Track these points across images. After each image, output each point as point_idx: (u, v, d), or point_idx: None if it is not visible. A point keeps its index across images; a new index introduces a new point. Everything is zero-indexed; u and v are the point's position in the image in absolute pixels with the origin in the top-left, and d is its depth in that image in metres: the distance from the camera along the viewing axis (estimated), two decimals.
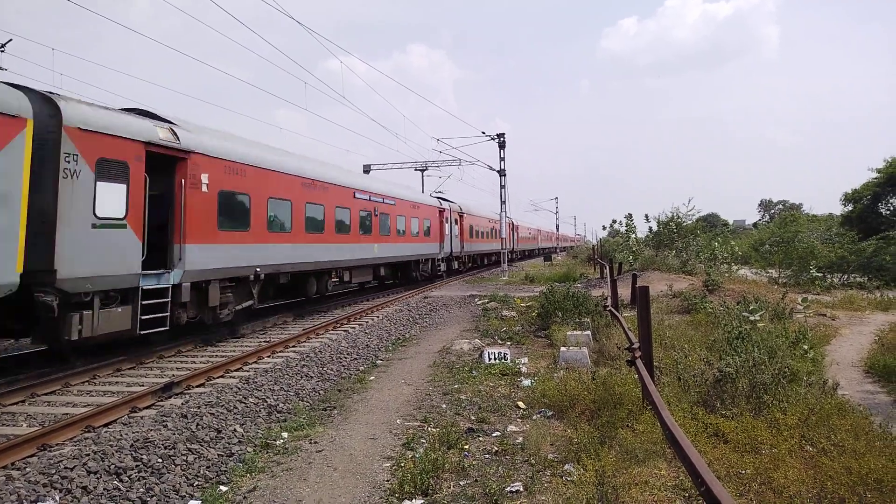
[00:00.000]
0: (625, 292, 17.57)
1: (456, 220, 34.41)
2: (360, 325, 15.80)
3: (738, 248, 31.72)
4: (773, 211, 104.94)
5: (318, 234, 17.46)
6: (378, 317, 17.33)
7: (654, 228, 33.09)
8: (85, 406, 8.19)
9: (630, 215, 34.85)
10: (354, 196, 20.30)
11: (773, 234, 29.87)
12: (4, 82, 8.96)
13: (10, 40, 15.79)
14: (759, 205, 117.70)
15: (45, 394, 8.85)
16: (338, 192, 18.91)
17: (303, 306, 18.96)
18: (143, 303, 10.52)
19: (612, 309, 13.26)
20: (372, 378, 10.24)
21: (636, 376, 7.18)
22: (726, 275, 24.31)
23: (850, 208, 38.43)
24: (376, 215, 22.30)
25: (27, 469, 5.70)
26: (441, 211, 31.49)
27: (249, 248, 13.89)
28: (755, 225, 74.96)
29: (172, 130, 11.65)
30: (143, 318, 10.49)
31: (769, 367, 7.31)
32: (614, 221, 36.58)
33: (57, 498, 5.09)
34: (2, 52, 15.76)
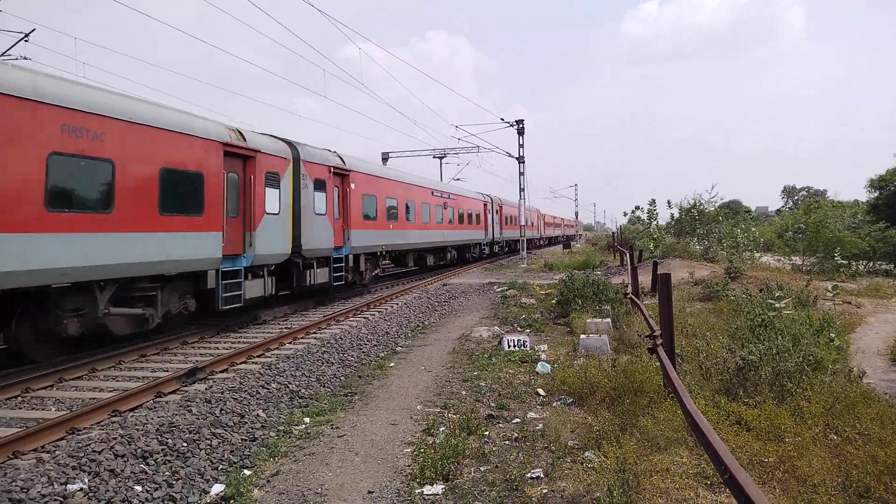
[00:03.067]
0: (645, 280, 17.43)
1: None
2: (379, 312, 15.88)
3: (761, 235, 31.30)
4: (796, 197, 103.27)
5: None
6: (397, 304, 17.40)
7: (676, 215, 32.74)
8: (111, 391, 8.34)
9: (653, 201, 34.47)
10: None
11: (798, 221, 29.36)
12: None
13: (34, 30, 15.96)
14: (783, 191, 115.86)
15: (73, 379, 9.02)
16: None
17: (344, 290, 19.03)
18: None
19: (633, 296, 13.18)
20: (392, 365, 10.30)
21: (657, 364, 7.14)
22: (749, 262, 24.02)
23: (877, 195, 37.69)
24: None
25: (57, 452, 5.83)
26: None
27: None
28: (778, 212, 73.80)
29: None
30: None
31: (793, 354, 7.22)
32: (636, 208, 36.20)
33: (86, 480, 5.21)
34: (26, 41, 15.94)
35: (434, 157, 45.16)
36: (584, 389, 7.69)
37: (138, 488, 5.26)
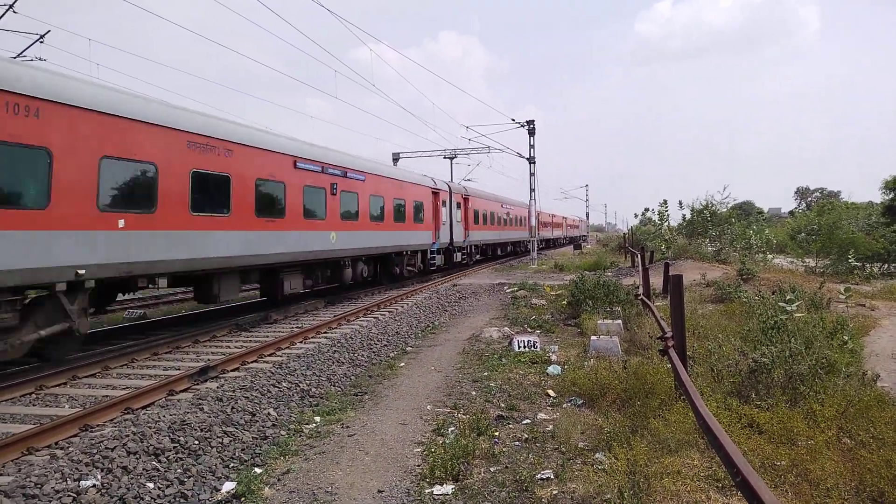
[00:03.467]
0: (657, 281, 17.35)
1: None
2: (389, 312, 15.91)
3: (774, 237, 31.05)
4: (809, 199, 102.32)
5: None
6: (407, 304, 17.43)
7: (688, 216, 32.55)
8: (124, 388, 8.41)
9: (664, 202, 34.28)
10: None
11: (811, 223, 29.09)
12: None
13: (49, 31, 16.12)
14: (796, 192, 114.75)
15: (86, 376, 9.11)
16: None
17: (337, 292, 19.17)
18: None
19: (644, 298, 13.12)
20: (402, 364, 10.31)
21: (668, 366, 7.11)
22: (761, 264, 23.84)
23: (892, 196, 37.24)
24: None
25: (70, 448, 5.89)
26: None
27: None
28: (791, 213, 73.19)
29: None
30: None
31: (806, 357, 7.16)
32: (646, 210, 36.03)
33: (99, 477, 5.25)
34: (41, 43, 16.09)
35: (444, 158, 45.18)
36: (594, 391, 7.67)
37: (150, 485, 5.30)
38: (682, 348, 6.98)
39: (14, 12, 14.76)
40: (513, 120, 35.54)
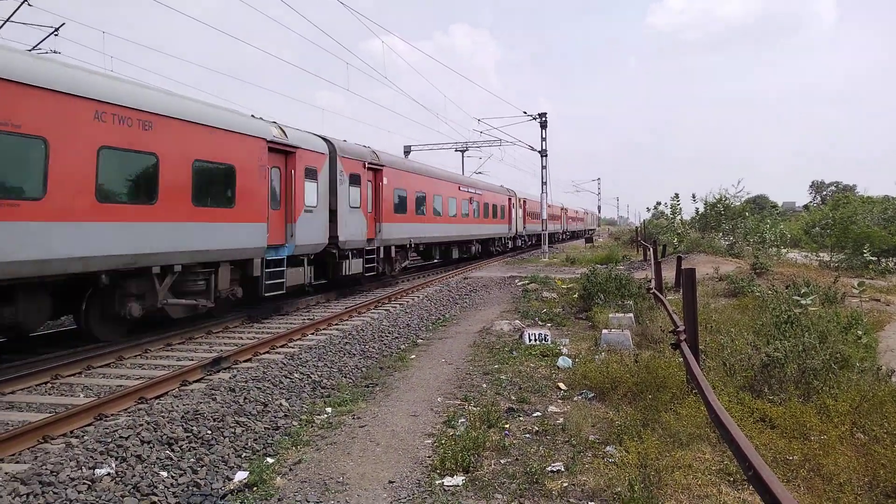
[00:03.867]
0: (669, 275, 17.26)
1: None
2: (400, 304, 15.95)
3: (788, 231, 30.79)
4: (825, 192, 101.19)
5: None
6: (418, 297, 17.45)
7: (701, 210, 32.34)
8: (138, 378, 8.50)
9: (676, 195, 34.08)
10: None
11: (826, 216, 28.81)
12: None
13: (63, 24, 16.23)
14: (811, 186, 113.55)
15: (101, 366, 9.21)
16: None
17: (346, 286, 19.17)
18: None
19: (656, 291, 13.06)
20: (413, 357, 10.34)
21: (680, 360, 7.08)
22: (775, 258, 23.66)
23: None
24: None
25: (85, 437, 5.96)
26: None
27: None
28: (806, 207, 72.47)
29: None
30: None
31: (820, 352, 7.10)
32: (659, 203, 35.87)
33: (113, 465, 5.31)
34: (55, 36, 16.20)
35: (456, 151, 45.11)
36: (605, 384, 7.65)
37: (164, 474, 5.36)
38: (695, 342, 6.96)
39: (29, 5, 14.87)
40: (525, 112, 35.43)
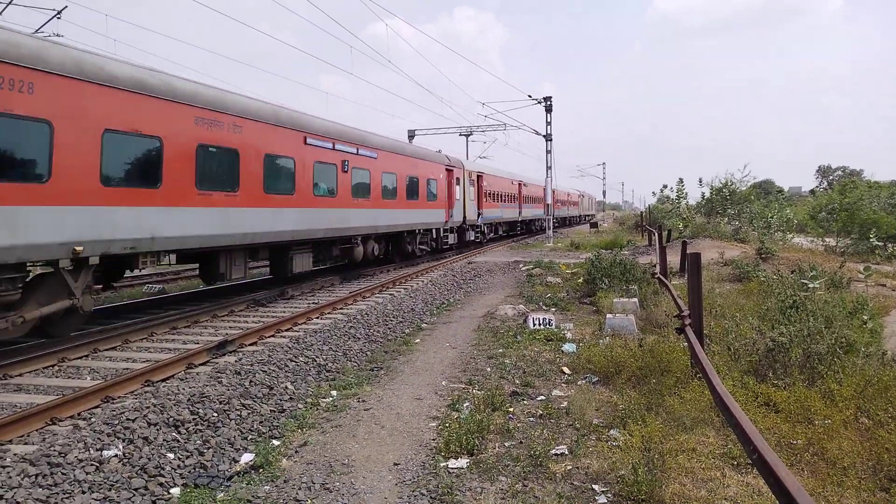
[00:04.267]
0: (674, 260, 17.22)
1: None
2: (405, 288, 15.97)
3: (794, 216, 30.63)
4: (831, 178, 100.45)
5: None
6: (423, 281, 17.47)
7: (707, 194, 32.17)
8: (144, 361, 8.54)
9: (681, 180, 33.88)
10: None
11: (832, 201, 28.61)
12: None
13: (66, 7, 16.13)
14: (817, 171, 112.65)
15: (107, 349, 9.26)
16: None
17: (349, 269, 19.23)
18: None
19: (661, 276, 13.04)
20: (417, 341, 10.37)
21: (684, 344, 7.08)
22: (781, 243, 23.55)
23: None
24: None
25: (92, 419, 6.01)
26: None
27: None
28: (812, 192, 72.02)
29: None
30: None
31: (825, 337, 7.09)
32: (664, 187, 35.69)
33: (121, 447, 5.36)
34: (58, 19, 16.11)
35: (460, 135, 44.91)
36: (609, 368, 7.67)
37: (171, 455, 5.40)
38: (699, 327, 6.95)
39: None
40: (529, 96, 35.22)
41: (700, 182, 33.36)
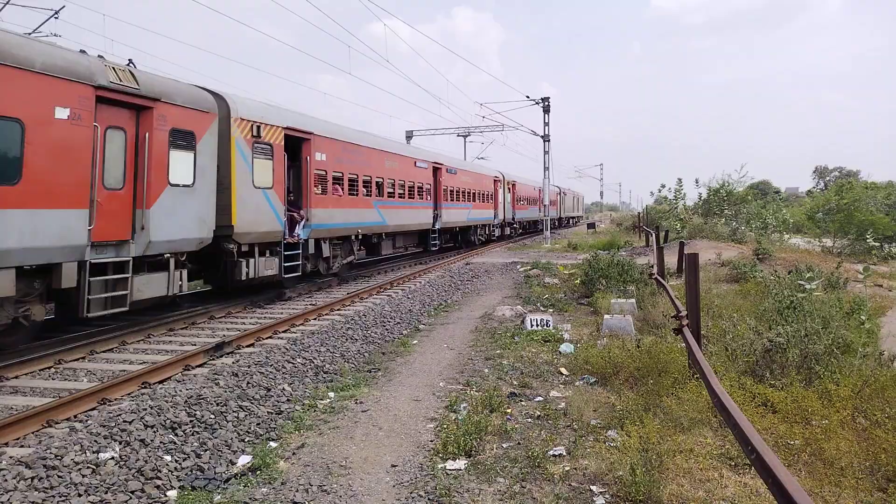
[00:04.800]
0: (671, 260, 17.24)
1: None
2: (402, 290, 15.95)
3: (791, 216, 30.71)
4: (828, 178, 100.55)
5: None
6: (420, 282, 17.46)
7: (704, 195, 32.24)
8: (141, 363, 8.52)
9: (680, 181, 33.95)
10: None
11: (829, 202, 28.70)
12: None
13: (63, 7, 16.10)
14: (814, 171, 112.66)
15: (104, 351, 9.23)
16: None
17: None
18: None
19: (658, 277, 13.05)
20: (415, 342, 10.36)
21: (682, 345, 7.08)
22: (778, 243, 23.62)
23: None
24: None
25: (89, 422, 5.98)
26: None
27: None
28: (809, 192, 72.19)
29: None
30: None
31: (822, 337, 7.10)
32: (662, 187, 35.72)
33: (117, 449, 5.34)
34: (56, 19, 16.08)
35: (458, 136, 44.94)
36: (607, 369, 7.66)
37: (168, 458, 5.38)
38: (697, 327, 6.96)
39: None
40: (527, 97, 35.25)
41: (697, 183, 33.48)
